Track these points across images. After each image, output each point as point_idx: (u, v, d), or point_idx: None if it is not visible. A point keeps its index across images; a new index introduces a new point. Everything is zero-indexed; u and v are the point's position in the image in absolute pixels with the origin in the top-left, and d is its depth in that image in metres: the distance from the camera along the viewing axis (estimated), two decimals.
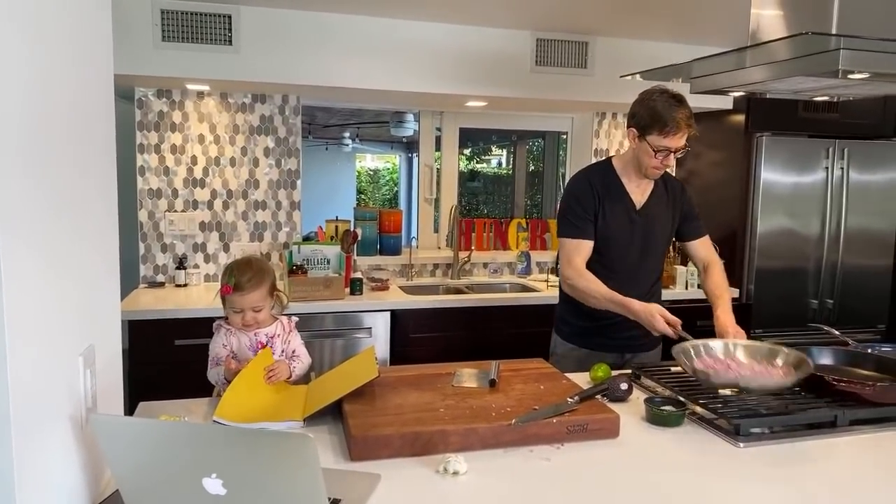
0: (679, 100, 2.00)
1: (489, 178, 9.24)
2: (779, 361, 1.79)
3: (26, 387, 0.90)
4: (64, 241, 1.04)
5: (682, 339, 1.86)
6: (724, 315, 2.05)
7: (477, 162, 9.30)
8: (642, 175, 2.12)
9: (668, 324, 1.90)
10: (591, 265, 2.11)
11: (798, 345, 1.99)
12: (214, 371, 1.87)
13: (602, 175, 2.18)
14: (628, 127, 2.10)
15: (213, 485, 0.98)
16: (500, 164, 9.15)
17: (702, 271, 2.27)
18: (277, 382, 1.73)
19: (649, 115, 2.01)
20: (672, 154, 2.03)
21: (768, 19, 1.86)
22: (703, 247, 2.27)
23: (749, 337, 2.01)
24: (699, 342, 1.84)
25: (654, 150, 2.02)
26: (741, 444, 1.51)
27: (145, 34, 2.86)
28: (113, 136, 1.30)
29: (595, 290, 2.05)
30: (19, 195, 0.87)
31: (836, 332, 2.27)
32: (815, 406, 1.66)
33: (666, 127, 1.98)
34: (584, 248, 2.11)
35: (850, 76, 1.66)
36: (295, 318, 2.01)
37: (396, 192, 10.94)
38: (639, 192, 2.16)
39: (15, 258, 0.86)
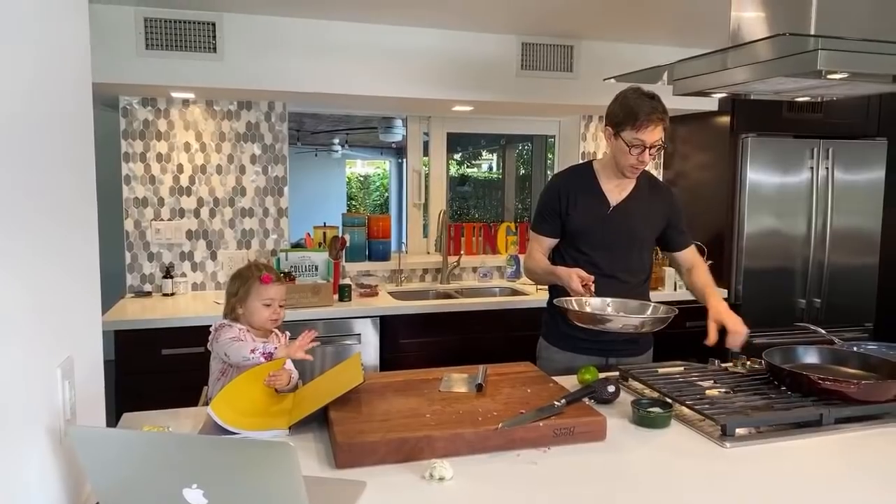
0: (651, 96, 2.03)
1: (480, 182, 9.27)
2: (648, 312, 2.03)
3: (0, 399, 0.89)
4: (40, 251, 1.03)
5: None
6: (719, 303, 2.08)
7: (467, 166, 9.33)
8: (621, 174, 2.14)
9: (584, 285, 1.99)
10: (577, 262, 2.13)
11: (785, 344, 2.00)
12: (241, 347, 1.80)
13: (576, 175, 2.23)
14: (605, 126, 2.12)
15: (194, 495, 0.97)
16: (490, 168, 9.17)
17: (685, 273, 2.29)
18: (270, 388, 1.73)
19: (622, 111, 2.04)
20: (647, 150, 2.04)
21: (748, 21, 1.87)
22: (688, 253, 2.30)
23: None
24: (584, 298, 2.01)
25: (628, 146, 2.03)
26: (728, 445, 1.51)
27: (128, 42, 2.85)
28: (91, 142, 1.29)
29: (535, 265, 2.20)
30: None
31: (822, 331, 2.28)
32: (800, 405, 1.67)
33: (638, 120, 2.00)
34: (543, 242, 2.23)
35: (830, 76, 1.68)
36: (287, 333, 2.05)
37: (387, 197, 10.95)
38: (616, 190, 2.18)
39: None
